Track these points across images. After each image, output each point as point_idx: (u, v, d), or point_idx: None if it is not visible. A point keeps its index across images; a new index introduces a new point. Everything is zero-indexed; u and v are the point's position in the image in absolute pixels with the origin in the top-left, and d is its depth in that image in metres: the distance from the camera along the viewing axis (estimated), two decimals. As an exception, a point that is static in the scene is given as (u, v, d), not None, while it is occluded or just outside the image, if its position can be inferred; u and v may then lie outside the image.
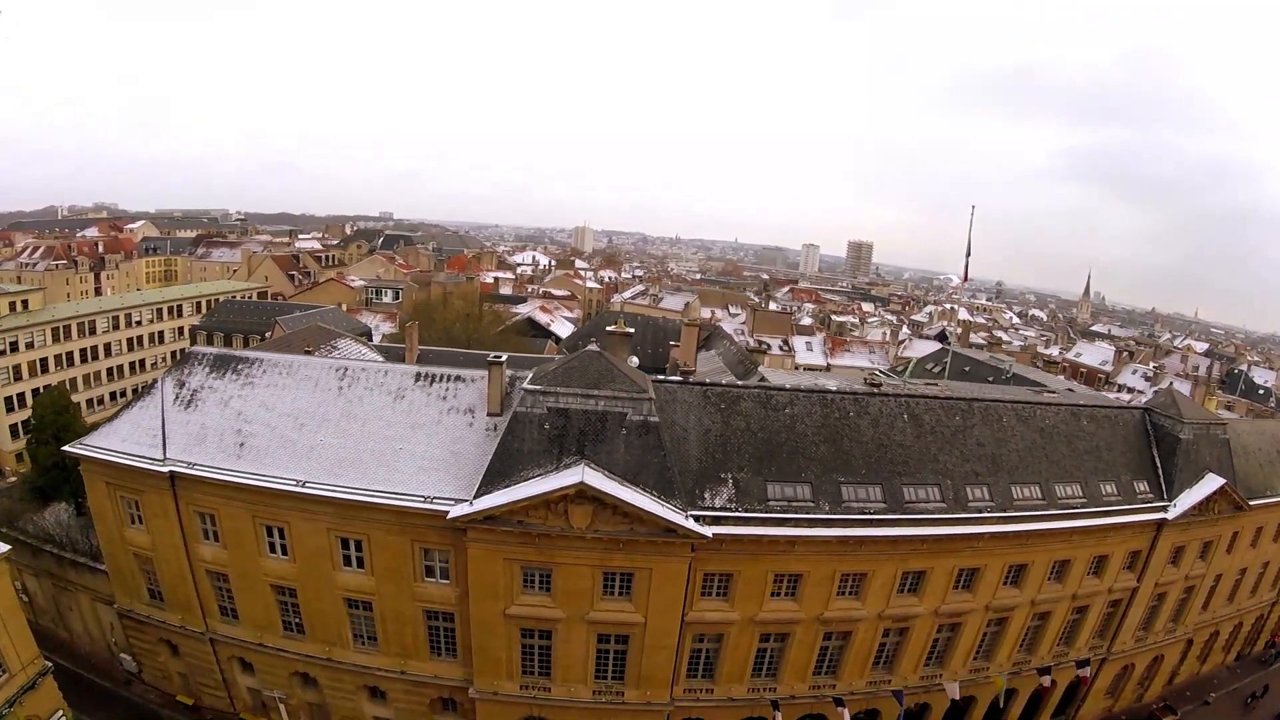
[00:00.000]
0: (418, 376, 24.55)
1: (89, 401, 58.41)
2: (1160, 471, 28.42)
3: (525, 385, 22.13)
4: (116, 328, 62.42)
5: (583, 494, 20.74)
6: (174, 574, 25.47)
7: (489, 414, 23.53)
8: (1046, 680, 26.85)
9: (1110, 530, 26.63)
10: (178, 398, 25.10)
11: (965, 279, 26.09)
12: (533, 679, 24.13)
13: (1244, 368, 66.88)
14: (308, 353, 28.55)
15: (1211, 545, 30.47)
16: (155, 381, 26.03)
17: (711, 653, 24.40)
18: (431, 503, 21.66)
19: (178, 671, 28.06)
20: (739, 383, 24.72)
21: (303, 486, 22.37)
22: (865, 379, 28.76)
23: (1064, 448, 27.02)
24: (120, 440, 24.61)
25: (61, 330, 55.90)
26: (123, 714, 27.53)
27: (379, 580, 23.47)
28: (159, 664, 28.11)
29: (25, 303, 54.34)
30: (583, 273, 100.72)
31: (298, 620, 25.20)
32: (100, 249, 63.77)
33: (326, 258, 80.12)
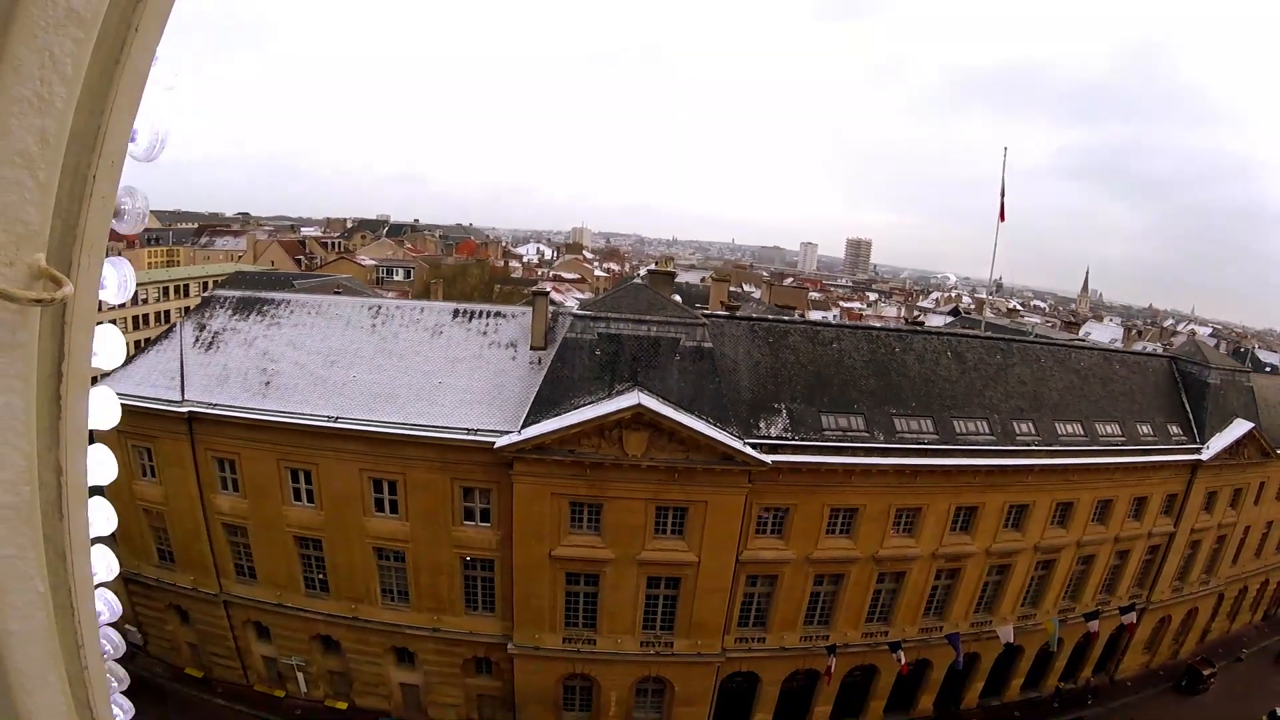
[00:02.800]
0: (456, 313, 23.63)
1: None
2: (1191, 416, 28.61)
3: (575, 311, 21.42)
4: (120, 306, 59.66)
5: (639, 418, 19.95)
6: (187, 530, 23.76)
7: (532, 348, 22.66)
8: (1094, 625, 26.38)
9: (1149, 470, 26.58)
10: (198, 340, 23.74)
11: (1002, 218, 26.35)
12: (576, 631, 22.89)
13: (1249, 348, 68.76)
14: (337, 293, 27.39)
15: (1241, 494, 30.65)
16: (174, 325, 24.64)
17: (763, 600, 23.47)
18: (475, 435, 20.63)
19: (187, 642, 26.03)
20: (784, 318, 24.39)
21: (334, 422, 21.17)
22: (905, 319, 28.63)
23: (1100, 389, 27.07)
24: (134, 384, 23.04)
25: None
26: (127, 688, 25.29)
27: (414, 525, 22.15)
28: (167, 634, 26.06)
29: None
30: (589, 262, 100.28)
31: (321, 576, 23.63)
32: None
33: (332, 243, 78.14)
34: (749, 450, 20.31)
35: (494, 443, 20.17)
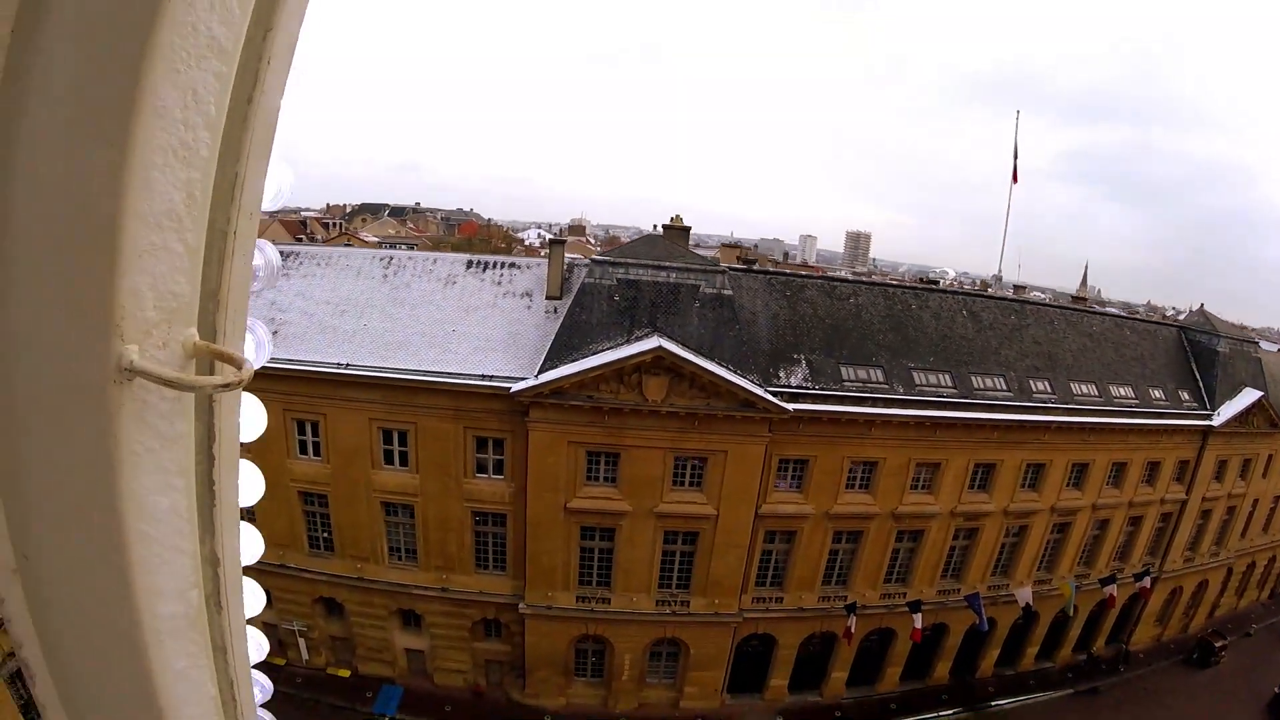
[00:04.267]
0: (470, 264, 23.21)
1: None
2: (1201, 384, 28.69)
3: (593, 257, 21.10)
4: None
5: (659, 362, 19.59)
6: (187, 487, 22.99)
7: (548, 297, 22.27)
8: (1110, 590, 26.15)
9: (1162, 434, 26.55)
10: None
11: (1015, 180, 26.50)
12: (590, 589, 22.32)
13: (1252, 340, 69.88)
14: (347, 244, 26.85)
15: (1250, 465, 30.72)
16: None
17: (781, 558, 23.04)
18: (491, 380, 20.15)
19: (181, 608, 25.14)
20: (801, 273, 24.25)
21: (345, 369, 20.61)
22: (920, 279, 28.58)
23: (1112, 353, 27.09)
24: (134, 335, 22.44)
25: None
26: None
27: (424, 478, 21.55)
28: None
29: None
30: (592, 246, 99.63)
31: (326, 535, 22.92)
32: None
33: (333, 223, 77.23)
34: (770, 397, 19.98)
35: (510, 388, 19.70)
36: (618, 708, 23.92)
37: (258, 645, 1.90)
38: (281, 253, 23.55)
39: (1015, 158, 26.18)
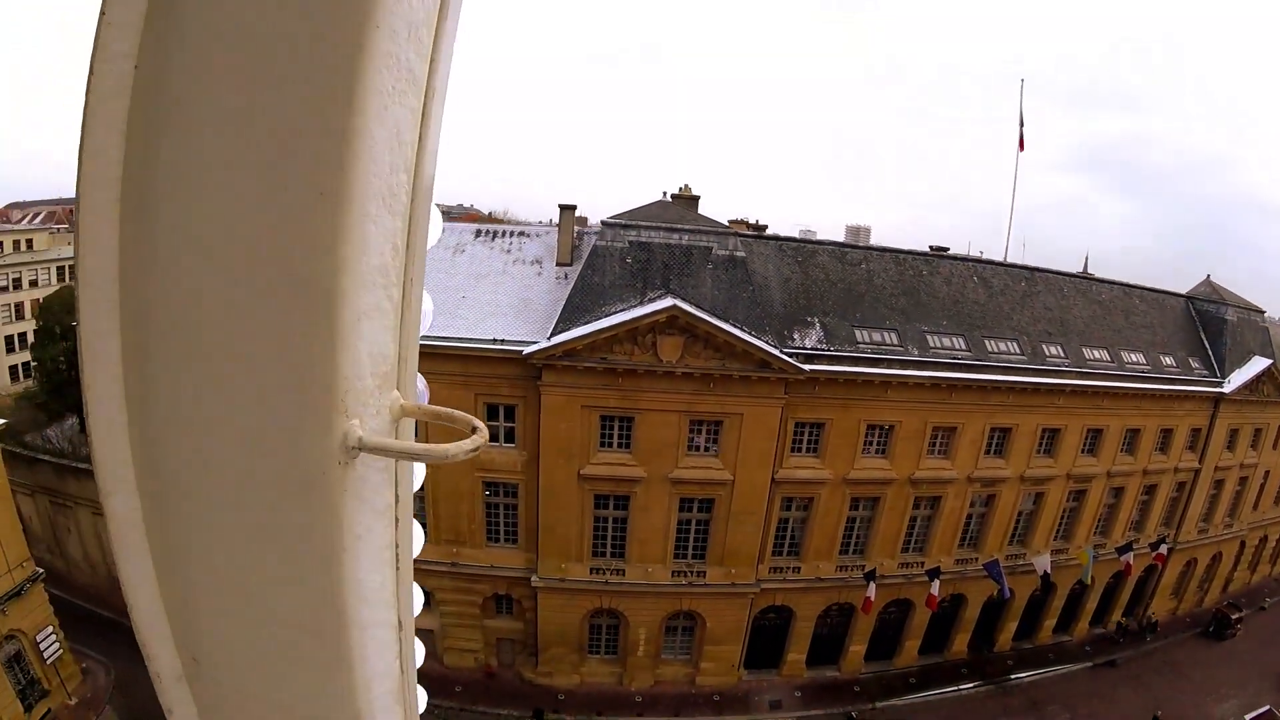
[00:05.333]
0: (478, 232, 22.96)
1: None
2: (1210, 352, 28.65)
3: (604, 220, 20.90)
4: None
5: (673, 321, 19.34)
6: (190, 463, 22.51)
7: (558, 264, 22.03)
8: (1127, 559, 25.90)
9: (1174, 400, 26.44)
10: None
11: (1021, 148, 26.59)
12: (604, 561, 21.92)
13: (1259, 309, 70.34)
14: None
15: (1261, 435, 30.64)
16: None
17: (798, 526, 22.71)
18: (502, 344, 19.85)
19: (183, 591, 24.58)
20: (812, 239, 24.16)
21: (355, 337, 20.25)
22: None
23: (1122, 320, 27.03)
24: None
25: (67, 270, 51.31)
26: (124, 644, 23.67)
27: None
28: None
29: (30, 242, 50.29)
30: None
31: (334, 511, 22.45)
32: None
33: None
34: (785, 357, 19.75)
35: (522, 350, 19.40)
36: (632, 685, 23.44)
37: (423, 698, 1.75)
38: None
39: (1021, 125, 26.34)
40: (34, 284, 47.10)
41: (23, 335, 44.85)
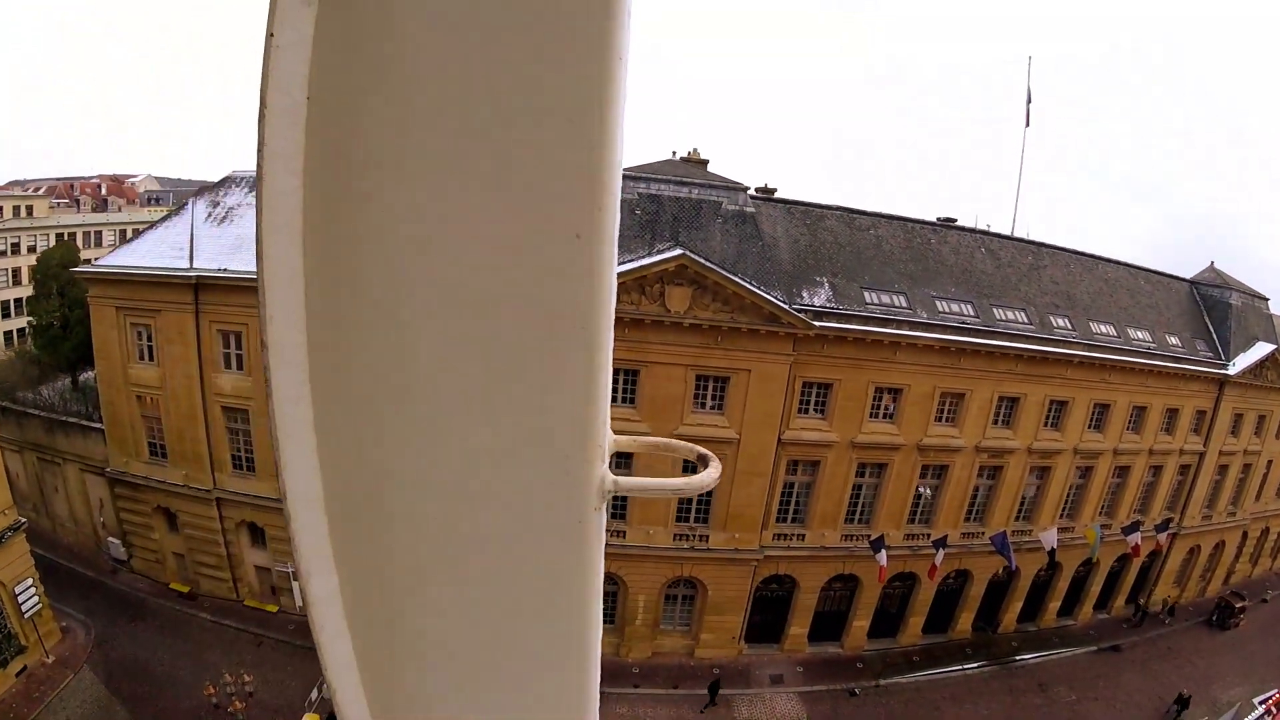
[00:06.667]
0: (484, 186, 22.70)
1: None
2: (1215, 335, 28.66)
3: (613, 172, 20.73)
4: (125, 239, 56.88)
5: (682, 271, 19.10)
6: (183, 415, 21.95)
7: (565, 218, 21.77)
8: (1134, 539, 25.57)
9: (1180, 379, 26.34)
10: (210, 216, 22.43)
11: (1028, 123, 26.74)
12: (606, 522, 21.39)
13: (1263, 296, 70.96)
14: None
15: (1265, 421, 30.56)
16: (185, 203, 23.26)
17: (804, 492, 22.31)
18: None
19: (173, 552, 23.84)
20: (820, 202, 23.99)
21: (357, 283, 19.90)
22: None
23: (1128, 298, 27.01)
24: (139, 257, 21.65)
25: (66, 237, 50.41)
26: (105, 603, 22.98)
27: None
28: (152, 544, 23.85)
29: (30, 208, 49.59)
30: None
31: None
32: (104, 191, 59.33)
33: None
34: (794, 312, 19.51)
35: (528, 299, 19.07)
36: (630, 656, 22.82)
37: None
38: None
39: (1028, 102, 26.52)
40: (32, 250, 46.39)
41: (19, 301, 44.10)
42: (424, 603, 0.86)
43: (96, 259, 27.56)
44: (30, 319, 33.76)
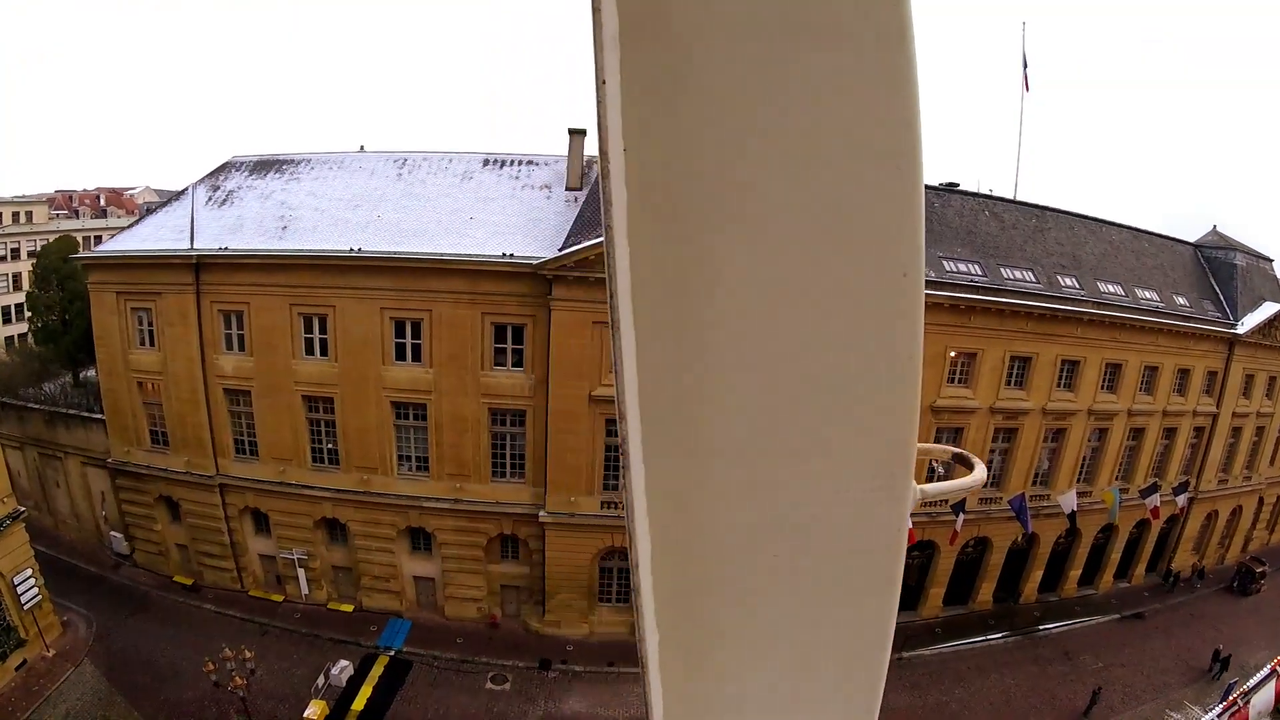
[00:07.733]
0: (486, 161, 22.59)
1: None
2: (1221, 296, 28.51)
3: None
4: None
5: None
6: (185, 399, 21.57)
7: (568, 189, 21.65)
8: (1153, 500, 25.17)
9: (1190, 338, 26.10)
10: (210, 199, 22.25)
11: (1027, 89, 26.76)
12: (616, 494, 20.96)
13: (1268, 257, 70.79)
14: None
15: (1276, 381, 30.31)
16: (185, 189, 23.07)
17: (814, 458, 21.92)
18: (512, 259, 19.29)
19: (176, 543, 23.34)
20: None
21: (357, 254, 19.67)
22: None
23: (1133, 260, 26.87)
24: (140, 241, 21.45)
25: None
26: (107, 598, 22.44)
27: (438, 373, 20.38)
28: (155, 536, 23.36)
29: (30, 214, 49.39)
30: None
31: (330, 445, 21.53)
32: (102, 202, 59.00)
33: None
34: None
35: (531, 261, 18.86)
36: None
37: None
38: (294, 160, 22.92)
39: (1025, 67, 26.55)
40: (32, 255, 46.11)
41: (19, 306, 43.69)
42: (748, 620, 0.86)
43: (93, 250, 27.25)
44: (29, 313, 33.38)
